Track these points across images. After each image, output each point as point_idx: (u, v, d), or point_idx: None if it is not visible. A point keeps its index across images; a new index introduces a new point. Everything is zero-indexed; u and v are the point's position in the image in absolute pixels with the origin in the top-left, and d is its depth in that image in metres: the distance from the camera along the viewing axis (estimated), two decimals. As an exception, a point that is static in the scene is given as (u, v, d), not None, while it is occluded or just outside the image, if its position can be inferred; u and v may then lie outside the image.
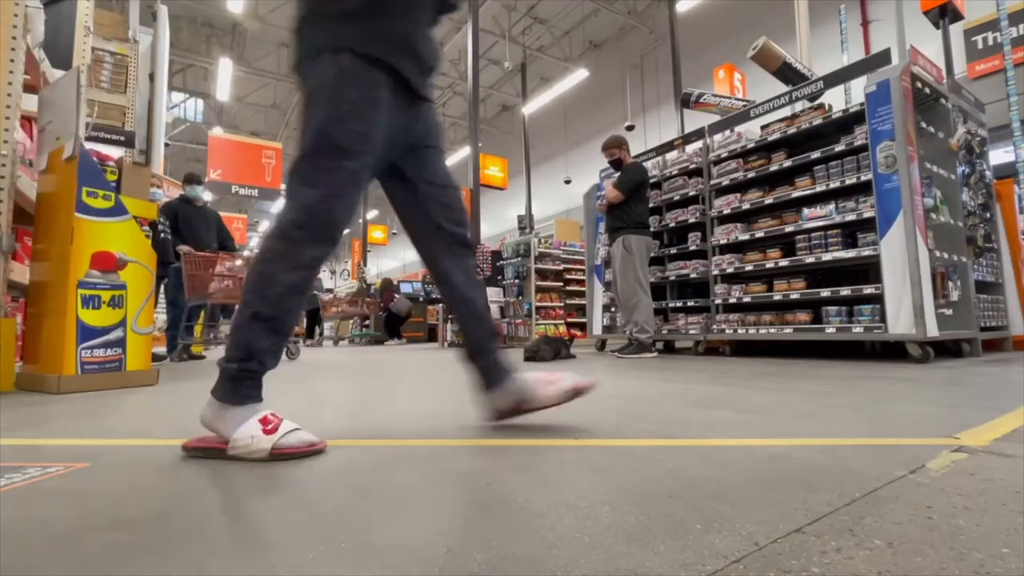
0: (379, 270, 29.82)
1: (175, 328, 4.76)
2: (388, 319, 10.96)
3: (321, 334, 12.56)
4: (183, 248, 4.50)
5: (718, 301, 4.33)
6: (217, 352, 5.61)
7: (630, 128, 14.16)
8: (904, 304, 3.08)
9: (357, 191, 1.18)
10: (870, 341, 3.87)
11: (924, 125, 3.48)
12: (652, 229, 4.96)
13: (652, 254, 4.76)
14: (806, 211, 3.80)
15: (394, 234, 23.27)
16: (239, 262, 4.78)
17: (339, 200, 1.15)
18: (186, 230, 4.86)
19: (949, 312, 3.29)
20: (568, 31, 15.96)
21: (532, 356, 3.92)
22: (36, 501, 0.81)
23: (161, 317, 5.93)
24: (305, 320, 11.78)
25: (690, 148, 4.94)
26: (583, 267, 7.16)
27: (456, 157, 20.13)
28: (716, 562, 0.55)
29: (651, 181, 5.09)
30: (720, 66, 9.73)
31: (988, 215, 3.93)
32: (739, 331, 4.10)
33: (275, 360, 1.13)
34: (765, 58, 4.61)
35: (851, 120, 3.62)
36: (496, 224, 18.74)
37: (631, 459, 0.98)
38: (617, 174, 4.63)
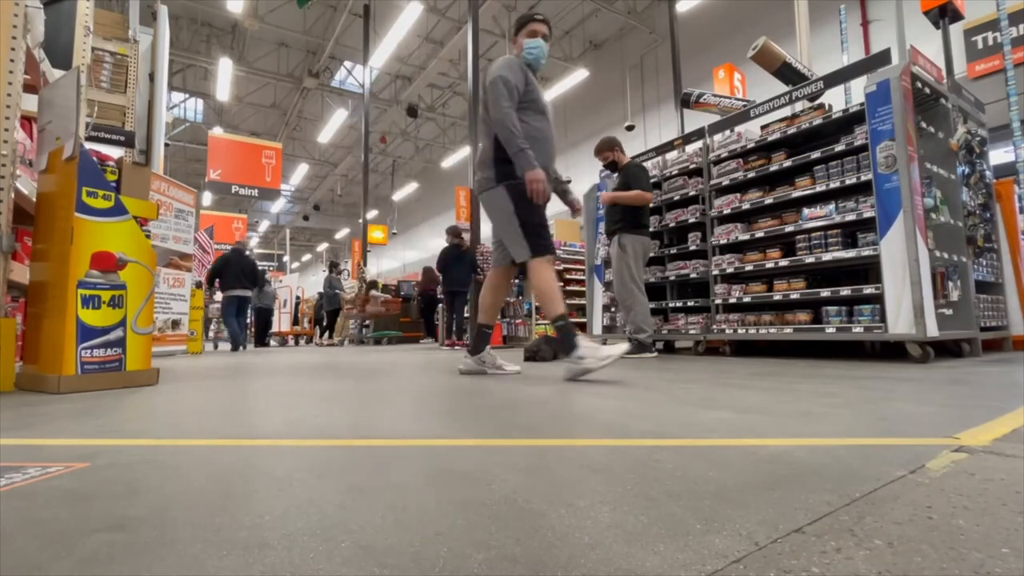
0: (379, 270, 29.83)
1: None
2: (426, 310, 10.48)
3: (322, 334, 12.54)
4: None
5: (718, 301, 4.33)
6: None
7: (630, 128, 14.16)
8: (904, 304, 3.08)
9: None
10: (870, 341, 3.87)
11: (924, 125, 3.48)
12: (652, 229, 4.98)
13: (651, 254, 4.77)
14: (806, 211, 3.80)
15: (394, 234, 23.29)
16: None
17: None
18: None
19: (949, 312, 3.29)
20: (568, 31, 15.95)
21: (532, 356, 3.92)
22: (36, 501, 0.81)
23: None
24: (325, 320, 11.82)
25: (690, 148, 4.94)
26: (583, 267, 7.16)
27: (456, 157, 20.15)
28: (716, 562, 0.55)
29: (651, 181, 5.11)
30: (720, 66, 9.73)
31: (988, 215, 3.93)
32: (739, 331, 4.10)
33: None
34: (765, 58, 4.61)
35: (851, 120, 3.62)
36: (496, 224, 18.70)
37: (631, 459, 0.98)
38: (614, 175, 4.64)
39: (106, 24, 5.49)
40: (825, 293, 3.60)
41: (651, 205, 4.94)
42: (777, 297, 3.91)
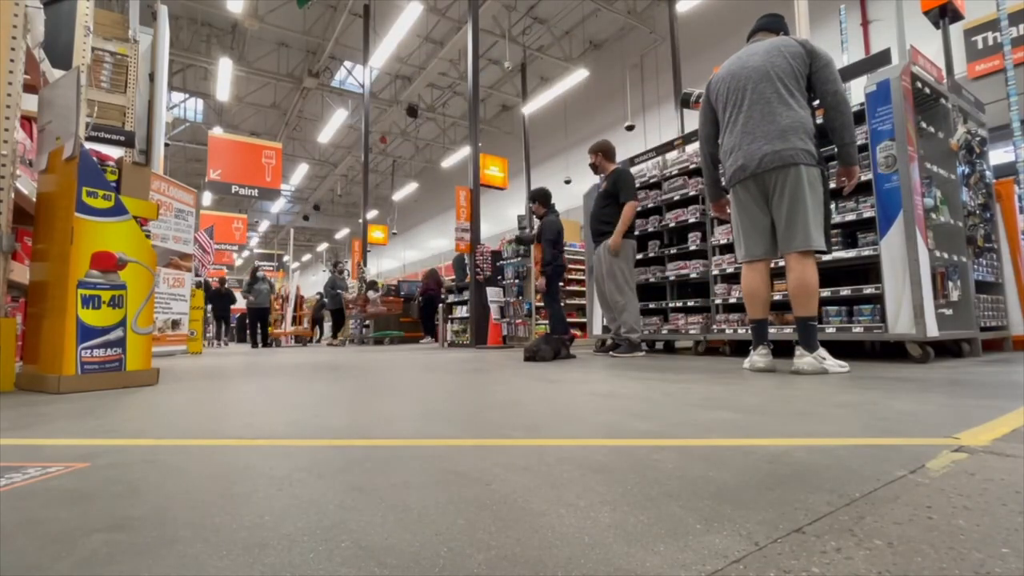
0: (379, 270, 29.84)
1: None
2: (427, 310, 10.74)
3: (322, 334, 12.54)
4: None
5: (718, 301, 4.33)
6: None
7: (630, 128, 14.16)
8: (904, 304, 3.08)
9: None
10: (870, 341, 3.87)
11: (924, 125, 3.48)
12: (652, 229, 5.13)
13: (652, 254, 5.02)
14: (806, 211, 3.79)
15: (394, 234, 23.28)
16: None
17: None
18: None
19: (949, 312, 3.29)
20: (568, 31, 15.96)
21: (532, 356, 3.92)
22: (36, 501, 0.81)
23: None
24: (330, 320, 11.85)
25: (690, 148, 4.94)
26: (583, 267, 7.16)
27: (456, 157, 20.15)
28: (716, 562, 0.55)
29: (651, 181, 5.15)
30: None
31: (988, 215, 3.93)
32: (739, 331, 4.10)
33: None
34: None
35: (851, 120, 3.62)
36: (496, 224, 18.75)
37: (631, 459, 0.98)
38: (600, 176, 4.72)
39: (106, 24, 5.49)
40: (825, 293, 3.59)
41: (651, 205, 5.07)
42: (777, 297, 3.90)
